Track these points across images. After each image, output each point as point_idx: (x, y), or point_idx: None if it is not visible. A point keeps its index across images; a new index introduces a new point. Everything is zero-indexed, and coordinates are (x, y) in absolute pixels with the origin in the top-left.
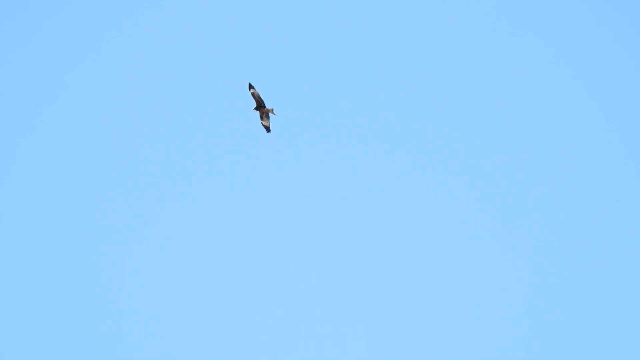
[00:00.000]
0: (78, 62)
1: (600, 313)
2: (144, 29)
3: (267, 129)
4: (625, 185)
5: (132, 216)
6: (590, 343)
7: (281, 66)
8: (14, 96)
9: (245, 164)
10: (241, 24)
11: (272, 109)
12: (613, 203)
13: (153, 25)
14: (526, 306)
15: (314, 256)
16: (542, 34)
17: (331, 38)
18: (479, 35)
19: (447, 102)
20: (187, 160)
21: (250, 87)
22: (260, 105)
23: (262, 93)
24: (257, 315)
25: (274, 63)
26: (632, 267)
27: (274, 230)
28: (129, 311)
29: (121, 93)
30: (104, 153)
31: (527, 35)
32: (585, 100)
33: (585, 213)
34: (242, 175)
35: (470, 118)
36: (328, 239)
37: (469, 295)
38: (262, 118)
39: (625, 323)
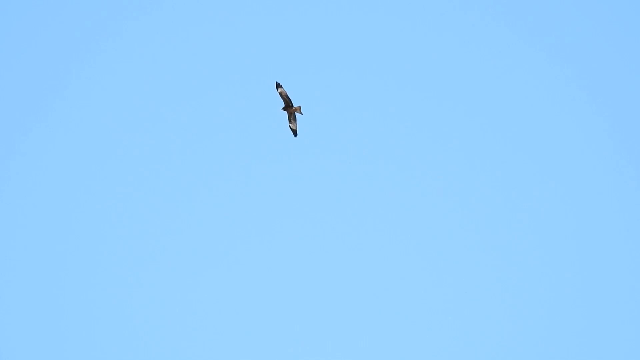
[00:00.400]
0: (93, 62)
1: (598, 315)
2: (155, 29)
3: (295, 132)
4: (623, 188)
5: (136, 217)
6: (586, 345)
7: (292, 68)
8: (16, 97)
9: (249, 165)
10: (250, 23)
11: (300, 107)
12: (611, 205)
13: (169, 25)
14: (524, 310)
15: (320, 259)
16: (539, 37)
17: (335, 40)
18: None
19: (453, 105)
20: (193, 162)
21: (278, 86)
22: (287, 105)
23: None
24: (259, 317)
25: (287, 65)
26: (630, 269)
27: (281, 234)
28: (129, 311)
29: (128, 96)
30: (106, 155)
31: (526, 37)
32: (583, 102)
33: (582, 215)
34: (244, 177)
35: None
36: (332, 242)
37: (470, 300)
38: (290, 120)
39: (623, 323)
